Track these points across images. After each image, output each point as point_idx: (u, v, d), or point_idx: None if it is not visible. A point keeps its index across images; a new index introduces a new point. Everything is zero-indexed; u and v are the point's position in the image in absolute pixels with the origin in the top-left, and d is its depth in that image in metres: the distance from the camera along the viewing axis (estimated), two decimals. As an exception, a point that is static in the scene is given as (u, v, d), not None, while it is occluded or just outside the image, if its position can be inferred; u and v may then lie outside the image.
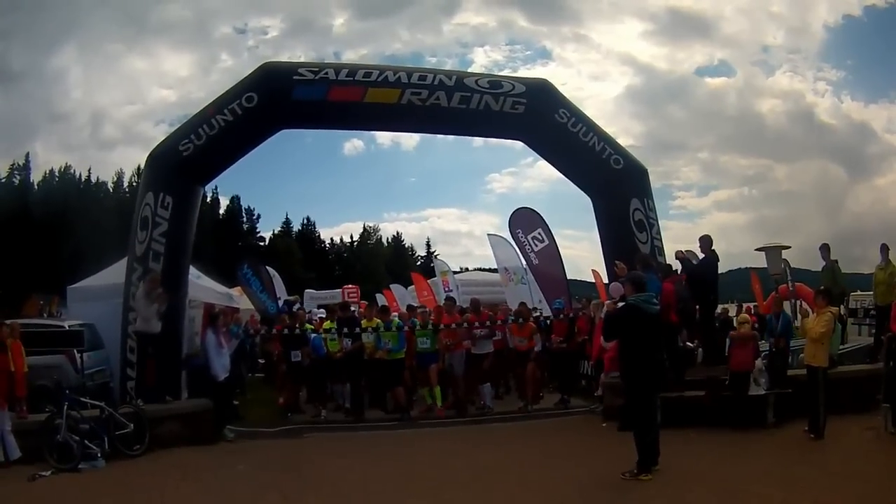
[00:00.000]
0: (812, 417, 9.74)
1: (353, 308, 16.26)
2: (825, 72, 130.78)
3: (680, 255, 13.31)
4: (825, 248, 13.60)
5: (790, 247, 18.85)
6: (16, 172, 71.87)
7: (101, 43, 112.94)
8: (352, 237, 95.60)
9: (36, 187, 70.77)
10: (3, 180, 70.35)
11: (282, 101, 12.91)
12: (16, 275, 47.27)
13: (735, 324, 12.71)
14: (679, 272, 12.91)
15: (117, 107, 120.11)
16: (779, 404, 10.59)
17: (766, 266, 18.52)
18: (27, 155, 73.76)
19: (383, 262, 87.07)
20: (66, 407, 9.83)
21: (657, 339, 8.44)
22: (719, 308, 16.64)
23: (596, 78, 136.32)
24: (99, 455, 9.77)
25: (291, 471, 9.36)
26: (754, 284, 26.69)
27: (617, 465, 8.32)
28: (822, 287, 11.32)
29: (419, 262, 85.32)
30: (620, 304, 8.91)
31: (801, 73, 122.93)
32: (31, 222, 61.11)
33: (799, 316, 13.17)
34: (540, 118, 13.38)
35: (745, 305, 24.84)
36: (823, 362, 9.91)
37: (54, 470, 9.30)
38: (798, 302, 15.85)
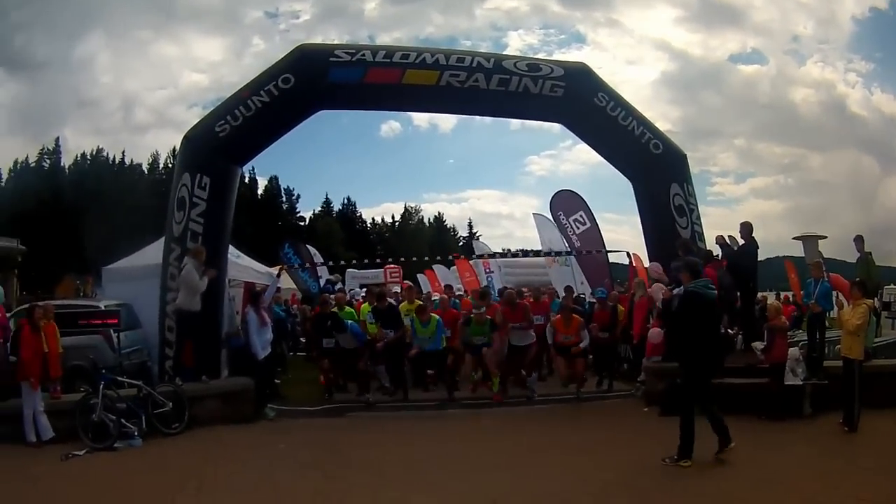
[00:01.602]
0: (847, 410, 9.62)
1: (395, 289, 16.04)
2: (855, 63, 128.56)
3: (720, 241, 13.19)
4: (859, 240, 13.39)
5: (826, 237, 18.65)
6: (45, 157, 72.74)
7: (128, 30, 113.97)
8: (393, 217, 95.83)
9: (67, 171, 71.44)
10: (33, 165, 71.11)
11: (318, 82, 12.89)
12: (49, 257, 47.92)
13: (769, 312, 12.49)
14: (719, 257, 12.81)
15: (149, 91, 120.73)
16: (815, 395, 10.49)
17: (800, 255, 18.33)
18: (57, 139, 74.85)
19: (426, 242, 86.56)
20: (102, 386, 9.93)
21: (716, 325, 8.38)
22: (758, 296, 16.48)
23: (631, 63, 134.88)
24: (136, 434, 9.85)
25: (333, 450, 9.39)
26: (790, 273, 26.41)
27: (657, 450, 8.32)
28: (858, 279, 11.15)
29: (461, 243, 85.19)
30: (677, 291, 8.83)
31: (832, 64, 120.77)
32: (62, 205, 61.77)
33: (835, 307, 12.97)
34: (579, 101, 13.31)
35: (783, 294, 24.61)
36: (859, 355, 9.77)
37: (89, 449, 9.38)
38: (835, 293, 15.67)
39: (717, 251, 13.03)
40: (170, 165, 68.67)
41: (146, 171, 75.95)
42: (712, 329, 8.31)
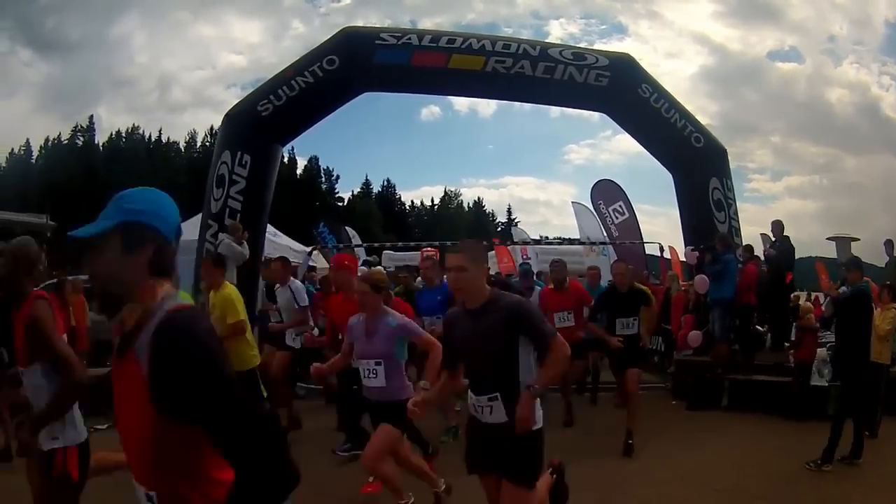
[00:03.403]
0: (869, 415, 9.57)
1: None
2: (889, 66, 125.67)
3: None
4: (889, 244, 13.28)
5: (859, 239, 18.47)
6: (79, 134, 73.35)
7: (164, 12, 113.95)
8: (432, 200, 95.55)
9: (101, 148, 72.07)
10: (66, 142, 71.81)
11: (364, 64, 12.97)
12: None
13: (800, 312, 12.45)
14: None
15: (187, 71, 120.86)
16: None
17: (831, 256, 18.18)
18: (91, 117, 75.22)
19: (464, 226, 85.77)
20: None
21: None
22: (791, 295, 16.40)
23: (671, 55, 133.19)
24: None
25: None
26: (821, 274, 26.20)
27: (680, 443, 8.46)
28: (889, 283, 11.07)
29: (500, 229, 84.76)
30: (843, 290, 8.78)
31: (867, 66, 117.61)
32: (96, 181, 62.19)
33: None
34: (623, 92, 13.25)
35: (813, 295, 24.41)
36: (888, 360, 9.70)
37: (111, 423, 9.46)
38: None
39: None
40: (207, 144, 69.11)
41: (182, 150, 76.47)
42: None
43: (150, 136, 76.10)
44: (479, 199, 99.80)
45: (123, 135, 74.93)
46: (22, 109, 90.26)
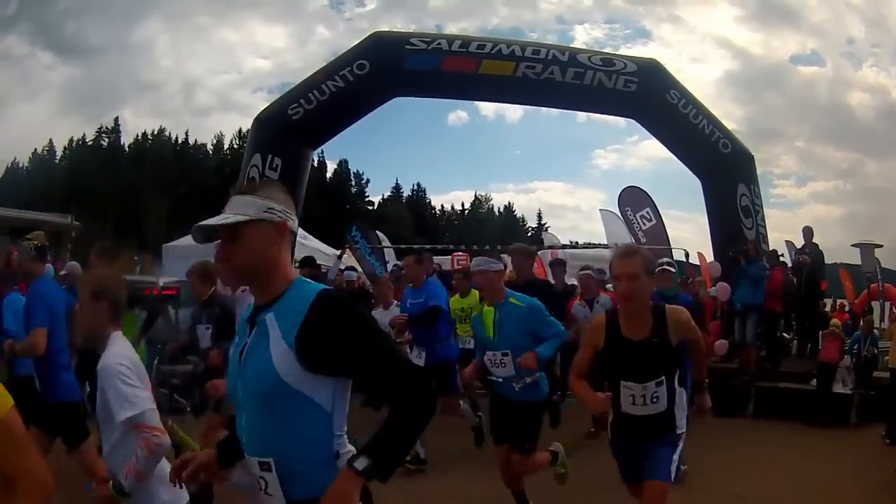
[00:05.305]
0: (890, 423, 9.54)
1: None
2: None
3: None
4: (913, 250, 13.34)
5: (882, 245, 18.35)
6: (104, 135, 73.57)
7: (187, 16, 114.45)
8: (462, 205, 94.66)
9: (126, 149, 72.48)
10: (90, 143, 72.23)
11: (394, 69, 13.08)
12: (107, 234, 48.92)
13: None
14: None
15: (212, 75, 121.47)
16: (862, 405, 10.42)
17: (854, 262, 18.05)
18: (116, 119, 75.23)
19: (495, 231, 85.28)
20: (156, 361, 10.16)
21: None
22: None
23: (696, 60, 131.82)
24: (188, 409, 10.02)
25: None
26: (844, 281, 25.98)
27: (710, 450, 8.31)
28: None
29: (530, 234, 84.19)
30: None
31: (885, 69, 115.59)
32: (122, 183, 62.41)
33: (887, 319, 12.81)
34: (651, 98, 13.28)
35: (839, 302, 24.28)
36: None
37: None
38: (889, 304, 15.43)
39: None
40: (235, 146, 69.37)
41: (210, 152, 76.73)
42: None
43: (176, 139, 76.53)
44: (509, 203, 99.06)
45: (150, 137, 75.34)
46: (44, 112, 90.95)
